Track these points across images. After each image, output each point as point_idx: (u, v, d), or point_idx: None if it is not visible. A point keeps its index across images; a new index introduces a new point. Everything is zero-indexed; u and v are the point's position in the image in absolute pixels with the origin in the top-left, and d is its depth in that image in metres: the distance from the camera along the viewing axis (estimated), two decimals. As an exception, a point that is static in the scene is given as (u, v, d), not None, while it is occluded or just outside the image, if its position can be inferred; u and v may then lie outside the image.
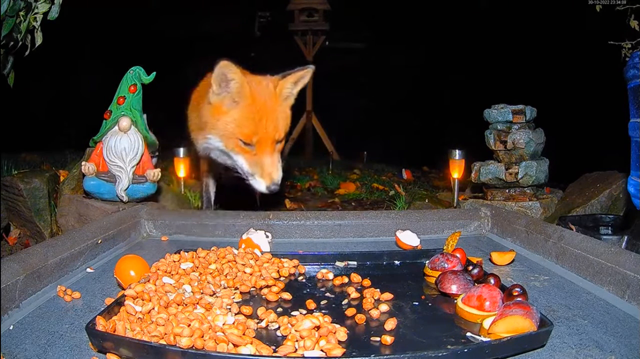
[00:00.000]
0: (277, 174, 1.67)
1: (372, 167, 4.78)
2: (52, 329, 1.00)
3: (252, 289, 1.23)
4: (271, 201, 2.45)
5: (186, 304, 1.05)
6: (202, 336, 0.89)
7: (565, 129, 4.22)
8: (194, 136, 2.08)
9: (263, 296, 1.17)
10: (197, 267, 1.27)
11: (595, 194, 2.32)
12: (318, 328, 0.94)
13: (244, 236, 1.55)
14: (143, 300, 1.04)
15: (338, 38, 6.76)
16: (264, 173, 1.66)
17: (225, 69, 1.65)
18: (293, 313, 1.06)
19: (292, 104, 1.83)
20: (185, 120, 2.25)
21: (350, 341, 0.93)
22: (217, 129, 1.73)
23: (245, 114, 1.67)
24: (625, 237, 1.69)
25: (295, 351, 0.88)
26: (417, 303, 1.13)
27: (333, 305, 1.13)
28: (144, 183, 2.00)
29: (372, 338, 0.95)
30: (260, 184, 1.68)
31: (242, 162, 1.72)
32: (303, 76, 1.78)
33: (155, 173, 2.01)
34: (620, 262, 1.16)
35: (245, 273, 1.27)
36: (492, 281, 1.12)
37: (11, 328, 1.01)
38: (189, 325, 0.91)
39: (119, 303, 1.04)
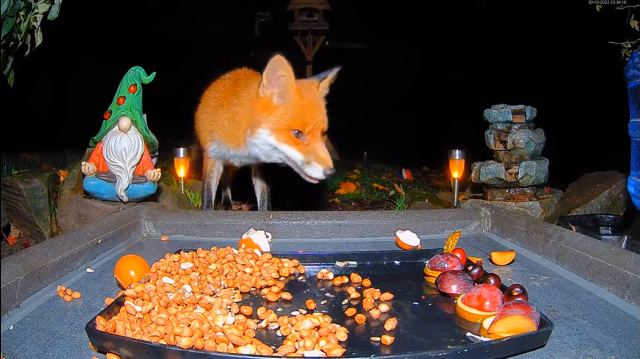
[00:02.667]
0: (331, 160, 1.76)
1: (372, 167, 4.78)
2: (52, 329, 1.00)
3: (252, 289, 1.23)
4: (273, 203, 2.45)
5: (186, 304, 1.05)
6: (202, 336, 0.89)
7: (565, 129, 4.22)
8: (223, 134, 2.09)
9: (263, 296, 1.17)
10: (197, 267, 1.27)
11: (595, 194, 2.32)
12: (318, 328, 0.94)
13: (244, 236, 1.55)
14: (143, 300, 1.04)
15: (338, 38, 6.75)
16: (320, 158, 1.75)
17: (278, 63, 1.74)
18: (293, 313, 1.06)
19: None
20: (193, 121, 2.25)
21: (350, 341, 0.93)
22: (270, 122, 1.80)
23: (297, 106, 1.78)
24: (625, 237, 1.69)
25: (295, 351, 0.88)
26: (417, 303, 1.13)
27: (333, 305, 1.13)
28: (144, 183, 2.00)
29: (372, 338, 0.95)
30: (317, 170, 1.76)
31: (294, 153, 1.80)
32: (334, 77, 1.98)
33: (155, 173, 2.01)
34: (620, 262, 1.16)
35: (245, 273, 1.27)
36: (492, 281, 1.12)
37: (11, 328, 1.01)
38: (189, 325, 0.91)
39: (119, 303, 1.03)
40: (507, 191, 2.40)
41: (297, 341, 0.92)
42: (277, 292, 1.18)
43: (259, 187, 2.41)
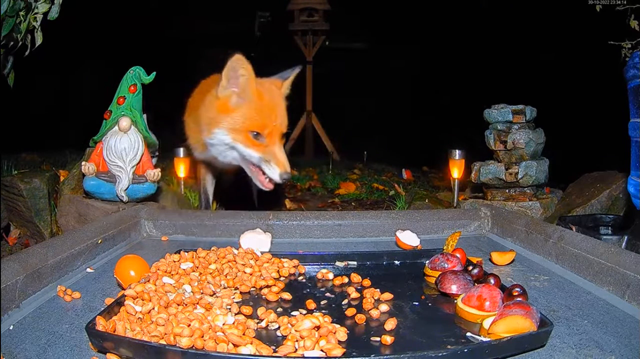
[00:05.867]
0: (288, 164, 1.73)
1: (372, 167, 4.78)
2: (52, 329, 1.00)
3: (252, 289, 1.23)
4: (270, 200, 2.45)
5: (186, 304, 1.05)
6: (202, 336, 0.89)
7: (566, 129, 4.22)
8: (193, 138, 2.07)
9: (263, 296, 1.17)
10: (197, 267, 1.27)
11: (595, 194, 2.32)
12: (318, 328, 0.94)
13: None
14: (143, 300, 1.04)
15: (338, 38, 6.76)
16: (278, 161, 1.71)
17: (237, 62, 1.70)
18: (293, 313, 1.06)
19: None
20: (182, 126, 2.25)
21: (350, 341, 0.93)
22: (227, 122, 1.76)
23: (256, 107, 1.72)
24: (625, 237, 1.69)
25: (295, 351, 0.88)
26: (417, 303, 1.13)
27: (333, 305, 1.13)
28: (144, 183, 2.00)
29: (372, 338, 0.95)
30: (275, 171, 1.73)
31: (252, 153, 1.76)
32: (295, 77, 1.90)
33: (155, 173, 2.01)
34: (620, 262, 1.16)
35: (245, 272, 1.27)
36: (492, 281, 1.12)
37: (11, 328, 1.01)
38: (189, 325, 0.91)
39: (119, 303, 1.03)
40: (507, 191, 2.40)
41: (297, 341, 0.92)
42: (277, 292, 1.18)
43: (254, 186, 2.41)
